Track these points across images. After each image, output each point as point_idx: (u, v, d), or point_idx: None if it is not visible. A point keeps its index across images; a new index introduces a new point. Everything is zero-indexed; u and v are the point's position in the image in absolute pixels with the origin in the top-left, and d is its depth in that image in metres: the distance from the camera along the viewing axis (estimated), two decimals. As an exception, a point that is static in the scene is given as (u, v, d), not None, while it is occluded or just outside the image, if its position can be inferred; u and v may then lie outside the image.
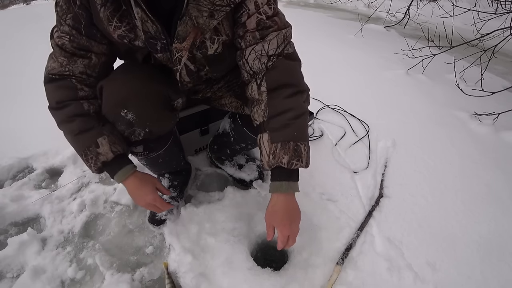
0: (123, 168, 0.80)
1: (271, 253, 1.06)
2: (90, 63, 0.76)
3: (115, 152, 0.78)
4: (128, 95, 0.76)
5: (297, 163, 0.75)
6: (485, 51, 1.98)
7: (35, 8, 5.08)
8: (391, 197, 1.19)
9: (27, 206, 1.15)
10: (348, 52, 2.64)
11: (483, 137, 1.56)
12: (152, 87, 0.79)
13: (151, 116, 0.81)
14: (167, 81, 0.84)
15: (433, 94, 1.96)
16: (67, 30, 0.71)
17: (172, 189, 1.13)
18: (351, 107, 1.72)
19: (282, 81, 0.75)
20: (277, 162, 0.74)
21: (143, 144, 0.90)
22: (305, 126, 0.78)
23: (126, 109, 0.76)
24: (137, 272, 0.97)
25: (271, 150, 0.75)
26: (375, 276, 0.93)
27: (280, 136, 0.74)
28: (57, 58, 0.74)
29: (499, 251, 1.03)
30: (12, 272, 0.97)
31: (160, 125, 0.86)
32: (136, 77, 0.79)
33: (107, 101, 0.78)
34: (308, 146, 0.78)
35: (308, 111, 0.80)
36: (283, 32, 0.75)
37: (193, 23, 0.70)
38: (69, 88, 0.75)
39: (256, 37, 0.73)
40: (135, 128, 0.81)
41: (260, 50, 0.74)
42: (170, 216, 1.08)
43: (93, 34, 0.73)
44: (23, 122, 1.62)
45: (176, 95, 0.86)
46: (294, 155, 0.74)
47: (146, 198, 0.84)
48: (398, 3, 3.67)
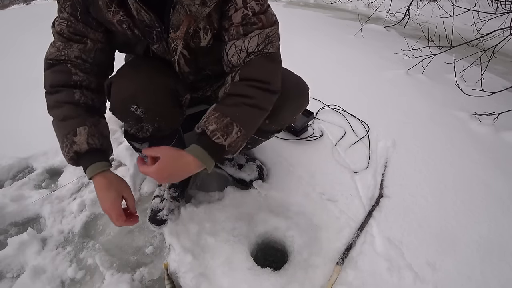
0: (94, 164, 0.73)
1: (271, 253, 1.06)
2: (85, 47, 0.77)
3: (91, 144, 0.73)
4: (137, 91, 0.77)
5: (220, 137, 0.70)
6: (485, 51, 1.98)
7: (35, 8, 5.07)
8: (391, 197, 1.19)
9: (27, 206, 1.15)
10: (348, 52, 2.64)
11: (483, 137, 1.56)
12: (161, 82, 0.81)
13: (160, 111, 0.83)
14: (175, 76, 0.85)
15: (433, 94, 1.96)
16: (66, 16, 0.75)
17: (173, 189, 1.13)
18: (351, 107, 1.71)
19: (253, 76, 0.75)
20: (204, 126, 0.72)
21: (149, 141, 0.92)
22: (253, 117, 0.75)
23: (136, 105, 0.78)
24: (137, 272, 0.97)
25: (207, 115, 0.74)
26: (375, 276, 0.93)
27: (224, 109, 0.73)
28: (55, 44, 0.77)
29: (499, 251, 1.03)
30: (12, 272, 0.97)
31: (169, 121, 0.88)
32: (145, 72, 0.80)
33: (116, 97, 0.79)
34: (244, 136, 0.74)
35: (267, 112, 0.78)
36: (266, 31, 0.74)
37: (185, 11, 0.71)
38: (64, 72, 0.75)
39: (239, 31, 0.74)
40: (143, 124, 0.84)
41: (240, 45, 0.75)
42: (171, 216, 1.08)
43: (89, 21, 0.75)
44: (23, 122, 1.62)
45: (184, 91, 0.87)
46: (222, 129, 0.70)
47: (105, 205, 0.74)
48: (398, 3, 3.66)
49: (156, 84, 0.80)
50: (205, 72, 0.93)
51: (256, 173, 1.22)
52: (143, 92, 0.78)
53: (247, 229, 1.04)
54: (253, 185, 1.19)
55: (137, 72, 0.80)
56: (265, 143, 1.23)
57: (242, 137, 0.73)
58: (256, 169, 1.23)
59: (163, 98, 0.82)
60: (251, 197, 1.15)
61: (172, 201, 1.11)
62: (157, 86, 0.80)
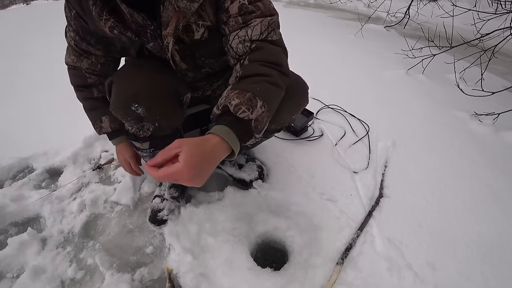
0: (117, 138, 1.07)
1: (271, 253, 1.06)
2: (92, 63, 0.92)
3: (113, 128, 1.04)
4: (138, 90, 0.78)
5: (246, 111, 0.63)
6: (485, 51, 1.98)
7: (35, 8, 5.08)
8: (391, 197, 1.19)
9: (27, 206, 1.15)
10: (348, 52, 2.64)
11: (483, 137, 1.56)
12: (161, 81, 0.81)
13: (161, 110, 0.83)
14: (175, 75, 0.86)
15: (433, 94, 1.96)
16: (73, 35, 0.86)
17: (174, 189, 1.13)
18: (351, 107, 1.72)
19: (264, 58, 0.72)
20: (225, 102, 0.64)
21: (150, 141, 0.92)
22: (273, 93, 0.70)
23: (137, 104, 0.78)
24: (137, 272, 0.97)
25: (225, 94, 0.67)
26: (375, 276, 0.93)
27: (243, 86, 0.66)
28: (70, 55, 0.92)
29: (499, 251, 1.03)
30: (12, 272, 0.97)
31: (170, 120, 0.88)
32: (145, 72, 0.81)
33: (116, 97, 0.80)
34: (268, 113, 0.67)
35: (283, 92, 0.74)
36: (267, 19, 0.74)
37: (173, 8, 0.71)
38: (81, 77, 0.95)
39: (239, 22, 0.73)
40: (144, 123, 0.85)
41: (244, 35, 0.73)
42: (171, 216, 1.08)
43: (88, 39, 0.85)
44: (23, 122, 1.62)
45: (184, 90, 0.88)
46: (246, 102, 0.63)
47: (125, 155, 1.09)
48: (398, 3, 3.67)
49: (156, 83, 0.80)
50: (204, 70, 0.93)
51: (256, 173, 1.22)
52: (144, 91, 0.78)
53: (247, 229, 1.04)
54: (253, 185, 1.19)
55: (138, 72, 0.81)
56: (265, 143, 1.23)
57: (266, 113, 0.67)
58: (256, 169, 1.23)
59: (164, 97, 0.82)
60: (251, 197, 1.15)
61: (172, 201, 1.11)
62: (157, 85, 0.80)
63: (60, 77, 1.86)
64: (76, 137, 1.42)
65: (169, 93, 0.83)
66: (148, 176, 1.28)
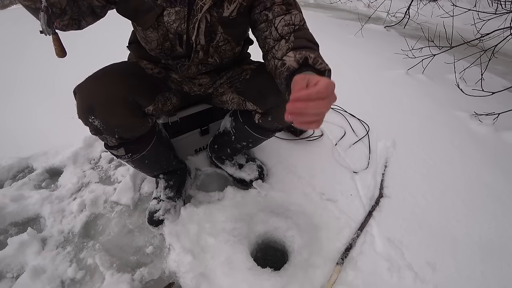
0: None
1: (271, 253, 1.06)
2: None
3: None
4: (93, 103, 0.78)
5: (323, 63, 0.71)
6: (485, 51, 1.99)
7: (35, 8, 5.07)
8: (391, 197, 1.19)
9: (27, 206, 1.15)
10: (348, 52, 2.64)
11: (483, 137, 1.56)
12: (117, 96, 0.79)
13: (118, 123, 0.82)
14: (140, 87, 0.85)
15: (433, 94, 1.96)
16: None
17: (169, 189, 1.13)
18: (351, 107, 1.72)
19: (308, 38, 0.79)
20: (305, 54, 0.70)
21: (123, 146, 0.91)
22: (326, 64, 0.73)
23: (93, 116, 0.79)
24: (137, 272, 0.97)
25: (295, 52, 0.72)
26: (375, 276, 0.93)
27: (305, 50, 0.73)
28: None
29: (499, 251, 1.03)
30: (12, 272, 0.97)
31: (130, 131, 0.88)
32: (104, 84, 0.80)
33: (78, 106, 0.80)
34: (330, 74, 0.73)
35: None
36: (301, 13, 0.84)
37: None
38: None
39: (283, 9, 0.80)
40: (104, 134, 0.84)
41: (289, 20, 0.80)
42: (167, 216, 1.07)
43: None
44: (23, 122, 1.62)
45: (145, 102, 0.86)
46: (318, 57, 0.71)
47: None
48: (398, 3, 3.67)
49: (111, 97, 0.79)
50: (212, 60, 0.92)
51: (256, 173, 1.22)
52: (99, 104, 0.78)
53: (247, 229, 1.04)
54: (253, 185, 1.19)
55: (97, 82, 0.80)
56: (265, 143, 1.23)
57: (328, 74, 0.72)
58: (256, 169, 1.23)
59: (120, 110, 0.80)
60: (251, 197, 1.15)
61: (168, 201, 1.11)
62: (112, 99, 0.79)
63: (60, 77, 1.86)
64: (76, 137, 1.42)
65: (126, 105, 0.81)
66: (148, 176, 1.28)
